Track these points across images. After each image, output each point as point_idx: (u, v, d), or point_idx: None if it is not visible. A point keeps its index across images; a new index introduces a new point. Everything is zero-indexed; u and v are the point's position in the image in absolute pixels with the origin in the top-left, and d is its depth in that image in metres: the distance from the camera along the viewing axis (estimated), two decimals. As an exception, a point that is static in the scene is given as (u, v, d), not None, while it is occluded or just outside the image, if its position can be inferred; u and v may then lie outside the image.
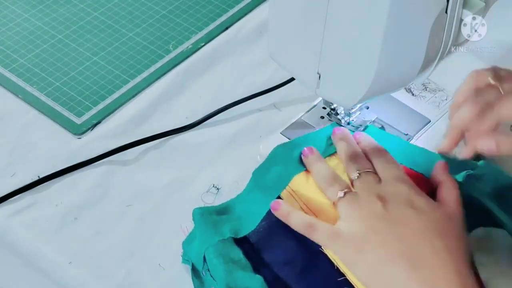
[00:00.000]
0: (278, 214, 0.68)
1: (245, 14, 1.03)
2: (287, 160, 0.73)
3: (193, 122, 0.87)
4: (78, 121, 0.88)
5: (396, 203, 0.64)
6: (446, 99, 0.82)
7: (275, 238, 0.71)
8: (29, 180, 0.81)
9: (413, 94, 0.83)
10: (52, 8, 1.03)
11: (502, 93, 0.67)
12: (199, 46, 0.98)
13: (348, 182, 0.69)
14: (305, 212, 0.70)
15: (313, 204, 0.69)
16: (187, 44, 0.99)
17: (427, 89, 0.83)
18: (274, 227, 0.70)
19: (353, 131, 0.75)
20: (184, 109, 0.90)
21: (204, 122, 0.88)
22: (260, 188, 0.73)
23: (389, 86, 0.67)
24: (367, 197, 0.65)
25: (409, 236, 0.62)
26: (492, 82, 0.68)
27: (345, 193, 0.66)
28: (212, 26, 1.01)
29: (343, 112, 0.75)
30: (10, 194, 0.79)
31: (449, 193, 0.67)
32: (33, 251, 0.76)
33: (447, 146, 0.71)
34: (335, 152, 0.73)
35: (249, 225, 0.70)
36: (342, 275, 0.65)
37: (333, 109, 0.76)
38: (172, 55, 0.97)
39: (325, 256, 0.66)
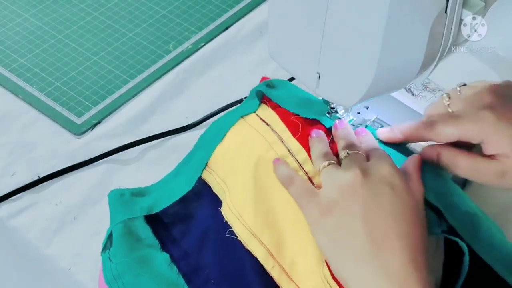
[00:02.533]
0: (275, 165, 0.70)
1: (245, 14, 1.03)
2: (208, 143, 0.75)
3: (193, 122, 0.87)
4: (78, 121, 0.88)
5: (377, 179, 0.64)
6: (446, 99, 0.82)
7: (188, 220, 0.72)
8: (29, 180, 0.81)
9: (413, 94, 0.82)
10: (52, 8, 1.03)
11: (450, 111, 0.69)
12: (199, 46, 0.98)
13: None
14: (220, 185, 0.72)
15: (228, 178, 0.72)
16: (187, 44, 0.99)
17: (427, 89, 0.83)
18: (189, 211, 0.73)
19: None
20: (184, 109, 0.90)
21: (204, 122, 0.88)
22: (181, 174, 0.76)
23: (388, 86, 0.67)
24: (349, 167, 0.65)
25: (379, 213, 0.62)
26: (445, 102, 0.70)
27: (329, 163, 0.67)
28: (212, 26, 1.01)
29: (342, 111, 0.75)
30: (10, 194, 0.80)
31: (416, 186, 0.66)
32: (32, 250, 0.76)
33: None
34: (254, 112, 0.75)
35: (164, 202, 0.73)
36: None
37: (333, 109, 0.76)
38: (172, 55, 0.97)
39: (237, 239, 0.68)
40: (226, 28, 1.01)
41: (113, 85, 0.93)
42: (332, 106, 0.76)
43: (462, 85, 0.72)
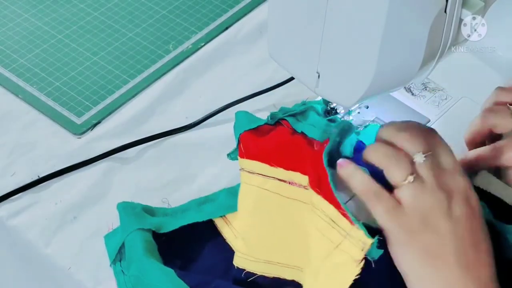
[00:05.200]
0: (343, 171, 0.65)
1: (245, 14, 1.03)
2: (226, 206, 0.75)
3: (193, 122, 0.87)
4: (78, 121, 0.88)
5: (459, 200, 0.62)
6: (445, 99, 0.83)
7: (193, 239, 0.73)
8: (29, 180, 0.81)
9: (412, 94, 0.83)
10: (52, 8, 1.03)
11: None
12: (199, 46, 0.98)
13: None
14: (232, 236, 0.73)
15: (243, 228, 0.72)
16: (187, 44, 0.99)
17: (427, 88, 0.83)
18: (195, 233, 0.73)
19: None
20: (184, 109, 0.90)
21: (204, 122, 0.88)
22: (194, 210, 0.76)
23: (388, 86, 0.67)
24: (434, 189, 0.62)
25: (465, 236, 0.61)
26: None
27: (414, 179, 0.62)
28: (212, 26, 1.01)
29: (342, 111, 0.75)
30: (10, 194, 0.80)
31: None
32: (32, 250, 0.76)
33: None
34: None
35: (170, 226, 0.74)
36: None
37: (333, 108, 0.76)
38: (172, 55, 0.97)
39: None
40: (226, 28, 1.01)
41: (113, 85, 0.93)
42: (332, 106, 0.76)
43: None
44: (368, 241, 0.61)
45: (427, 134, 0.66)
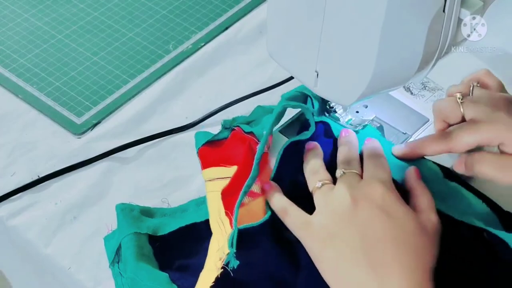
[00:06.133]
0: (267, 193, 0.70)
1: (245, 14, 1.03)
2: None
3: (193, 122, 0.87)
4: (78, 121, 0.88)
5: (367, 204, 0.64)
6: (445, 98, 0.82)
7: (186, 244, 0.73)
8: (29, 180, 0.81)
9: (412, 93, 0.83)
10: (52, 8, 1.04)
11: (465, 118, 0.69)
12: (199, 46, 0.98)
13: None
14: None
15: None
16: (187, 44, 0.99)
17: (426, 88, 0.83)
18: (191, 248, 0.73)
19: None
20: (184, 109, 0.90)
21: (204, 122, 0.88)
22: (193, 210, 0.76)
23: (387, 85, 0.67)
24: (341, 192, 0.66)
25: (373, 239, 0.62)
26: (458, 101, 0.69)
27: (322, 184, 0.67)
28: (212, 26, 1.01)
29: (341, 110, 0.75)
30: (10, 194, 0.80)
31: (424, 200, 0.67)
32: (32, 250, 0.76)
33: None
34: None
35: (168, 227, 0.74)
36: None
37: (332, 107, 0.76)
38: (172, 55, 0.97)
39: None
40: (226, 28, 1.01)
41: (113, 85, 0.93)
42: (331, 105, 0.76)
43: (476, 85, 0.72)
44: (226, 250, 0.63)
45: (368, 154, 0.71)
